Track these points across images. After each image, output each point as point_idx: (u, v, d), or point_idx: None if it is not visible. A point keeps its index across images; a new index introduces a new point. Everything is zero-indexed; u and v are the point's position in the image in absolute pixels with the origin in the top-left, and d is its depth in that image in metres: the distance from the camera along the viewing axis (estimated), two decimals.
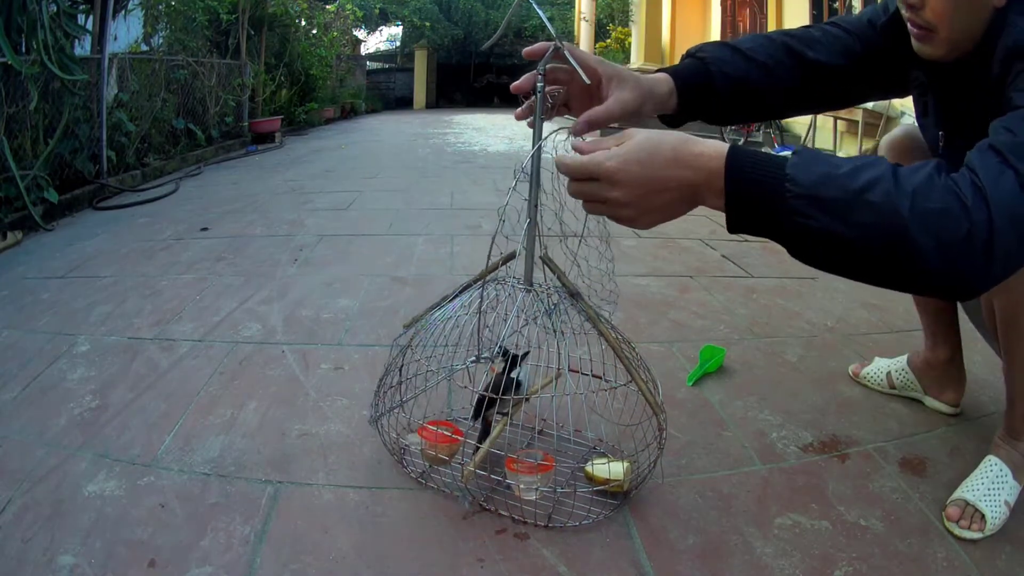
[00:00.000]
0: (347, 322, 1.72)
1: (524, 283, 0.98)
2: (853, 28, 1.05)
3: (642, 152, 0.71)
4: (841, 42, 1.05)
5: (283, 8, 6.82)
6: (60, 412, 1.27)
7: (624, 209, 0.73)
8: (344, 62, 10.45)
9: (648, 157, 0.71)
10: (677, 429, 1.21)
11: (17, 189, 2.65)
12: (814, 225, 0.66)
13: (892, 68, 1.06)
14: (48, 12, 2.82)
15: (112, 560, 0.88)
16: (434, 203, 3.31)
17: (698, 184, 0.71)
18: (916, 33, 0.92)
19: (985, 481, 0.99)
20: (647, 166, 0.71)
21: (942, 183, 0.65)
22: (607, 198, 0.73)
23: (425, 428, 1.04)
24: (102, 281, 2.05)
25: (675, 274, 2.18)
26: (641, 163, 0.71)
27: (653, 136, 0.73)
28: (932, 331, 1.31)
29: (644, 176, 0.71)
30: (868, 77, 1.07)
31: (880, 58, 1.05)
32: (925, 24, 0.90)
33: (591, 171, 0.72)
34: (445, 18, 14.70)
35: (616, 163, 0.71)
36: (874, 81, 1.09)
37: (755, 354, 1.52)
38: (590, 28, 10.58)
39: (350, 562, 0.89)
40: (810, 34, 1.05)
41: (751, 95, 1.01)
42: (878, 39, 1.04)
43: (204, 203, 3.33)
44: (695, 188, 0.71)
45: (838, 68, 1.04)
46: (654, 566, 0.89)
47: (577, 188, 0.75)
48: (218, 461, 1.11)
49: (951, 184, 0.65)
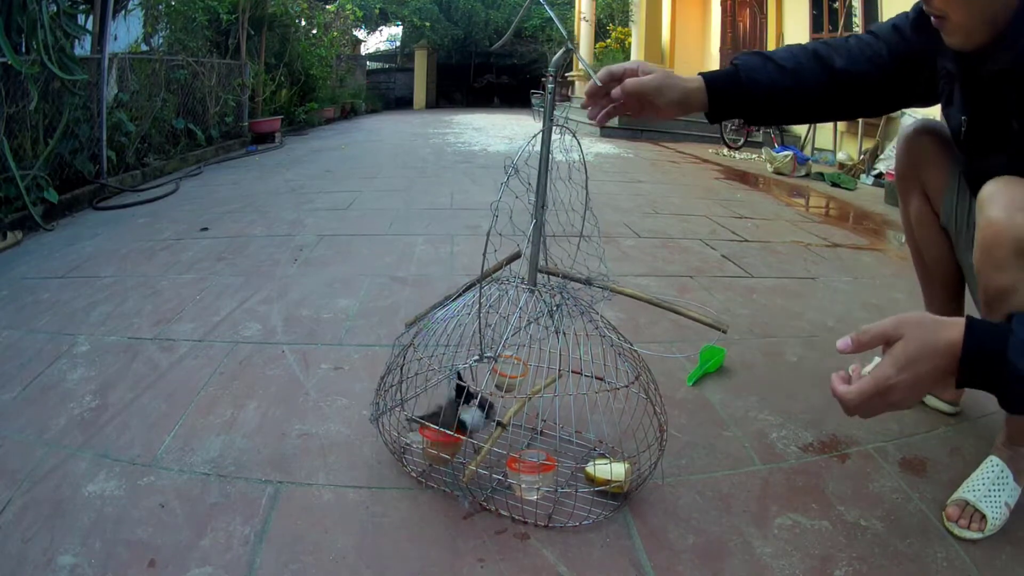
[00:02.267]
0: (347, 322, 1.72)
1: (527, 283, 0.98)
2: (882, 35, 1.11)
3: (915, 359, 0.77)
4: (871, 48, 1.10)
5: (283, 8, 6.82)
6: (60, 412, 1.27)
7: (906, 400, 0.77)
8: (344, 62, 10.45)
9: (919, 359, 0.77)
10: (677, 429, 1.21)
11: (17, 189, 2.65)
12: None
13: (920, 69, 1.09)
14: (48, 12, 2.82)
15: (112, 560, 0.88)
16: (434, 203, 3.31)
17: (945, 369, 0.76)
18: (934, 22, 0.97)
19: (986, 482, 0.99)
20: (915, 374, 0.76)
21: None
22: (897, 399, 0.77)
23: (427, 427, 1.04)
24: (102, 281, 2.05)
25: (675, 274, 2.18)
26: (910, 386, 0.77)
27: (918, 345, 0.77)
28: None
29: (912, 380, 0.77)
30: (898, 82, 1.12)
31: (909, 61, 1.09)
32: (937, 12, 0.93)
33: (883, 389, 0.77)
34: (445, 18, 14.69)
35: (898, 392, 0.76)
36: (904, 86, 1.13)
37: (755, 354, 1.52)
38: (590, 28, 10.57)
39: (350, 562, 0.89)
40: (844, 43, 1.12)
41: (782, 99, 1.09)
42: (905, 41, 1.09)
43: (204, 203, 3.33)
44: (943, 373, 0.77)
45: (864, 75, 1.10)
46: (654, 566, 0.89)
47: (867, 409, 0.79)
48: (218, 461, 1.11)
49: None
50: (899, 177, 1.28)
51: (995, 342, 0.74)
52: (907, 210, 1.30)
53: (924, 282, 1.36)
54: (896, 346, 0.77)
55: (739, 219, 3.11)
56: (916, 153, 1.22)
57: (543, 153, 0.89)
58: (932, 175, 1.21)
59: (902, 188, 1.29)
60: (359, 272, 2.14)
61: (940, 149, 1.20)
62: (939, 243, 1.26)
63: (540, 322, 0.98)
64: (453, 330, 1.00)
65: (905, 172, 1.26)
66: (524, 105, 14.01)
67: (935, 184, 1.21)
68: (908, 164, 1.25)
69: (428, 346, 1.06)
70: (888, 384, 0.76)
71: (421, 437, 1.04)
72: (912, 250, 1.35)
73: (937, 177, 1.20)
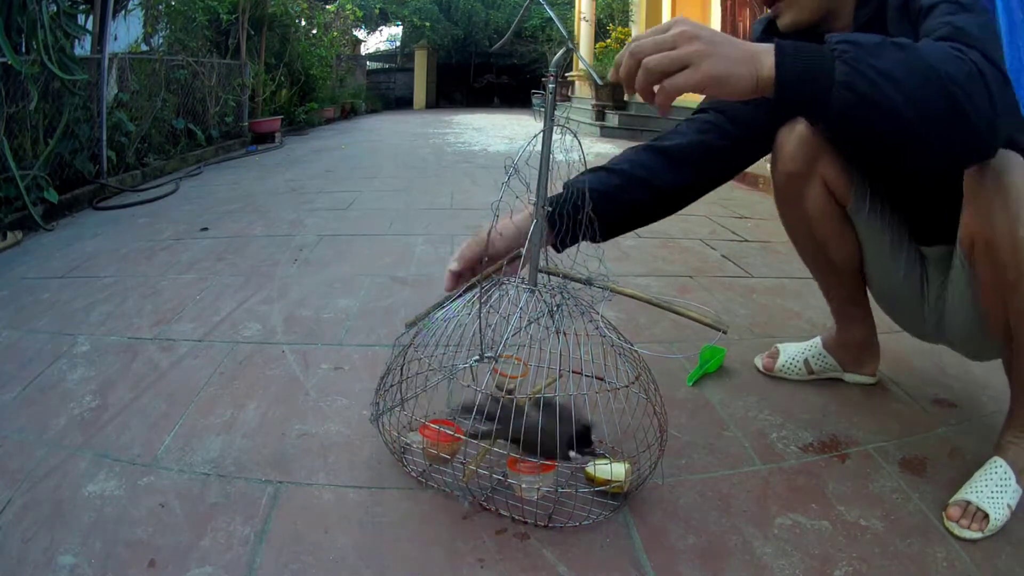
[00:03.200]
0: (347, 322, 1.72)
1: (528, 283, 0.98)
2: (715, 103, 1.19)
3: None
4: (701, 119, 1.18)
5: (283, 8, 6.82)
6: (60, 412, 1.27)
7: (706, 60, 0.76)
8: (344, 62, 10.45)
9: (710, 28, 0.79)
10: (677, 429, 1.21)
11: (17, 189, 2.65)
12: (863, 66, 0.75)
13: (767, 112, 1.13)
14: (48, 12, 2.81)
15: (112, 560, 0.88)
16: (434, 203, 3.31)
17: (756, 48, 0.78)
18: (774, 8, 1.03)
19: (989, 483, 0.99)
20: (713, 29, 0.78)
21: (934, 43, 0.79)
22: (688, 52, 0.76)
23: (427, 427, 1.04)
24: (102, 281, 2.05)
25: (675, 274, 2.18)
26: (708, 27, 0.78)
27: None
28: (848, 315, 1.35)
29: (715, 32, 0.78)
30: (749, 129, 1.18)
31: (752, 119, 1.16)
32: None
33: (667, 23, 0.78)
34: (445, 18, 14.69)
35: (688, 23, 0.77)
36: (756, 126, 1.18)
37: (755, 354, 1.52)
38: (590, 28, 10.57)
39: (350, 562, 0.89)
40: (675, 128, 1.19)
41: (627, 197, 1.12)
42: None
43: (204, 203, 3.33)
44: (755, 51, 0.78)
45: (702, 144, 1.16)
46: (654, 566, 0.89)
47: (658, 56, 0.77)
48: (218, 461, 1.11)
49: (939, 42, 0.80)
50: (794, 176, 1.18)
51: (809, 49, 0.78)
52: (802, 209, 1.21)
53: (829, 278, 1.32)
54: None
55: (739, 219, 3.11)
56: (811, 145, 1.15)
57: (544, 153, 0.89)
58: (830, 162, 1.15)
59: (796, 188, 1.20)
60: (359, 272, 2.14)
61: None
62: (846, 233, 1.21)
63: (540, 322, 0.98)
64: (453, 330, 1.00)
65: (801, 169, 1.17)
66: (524, 105, 14.01)
67: (835, 169, 1.16)
68: (805, 159, 1.16)
69: (428, 346, 1.06)
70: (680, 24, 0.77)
71: (421, 437, 1.04)
72: (810, 250, 1.29)
73: (835, 162, 1.15)
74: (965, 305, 1.06)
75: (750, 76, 0.77)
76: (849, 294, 1.32)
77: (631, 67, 0.79)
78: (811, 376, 1.40)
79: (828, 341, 1.40)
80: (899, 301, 1.25)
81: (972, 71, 0.74)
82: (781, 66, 0.76)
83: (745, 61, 0.77)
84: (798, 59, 0.77)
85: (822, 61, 0.76)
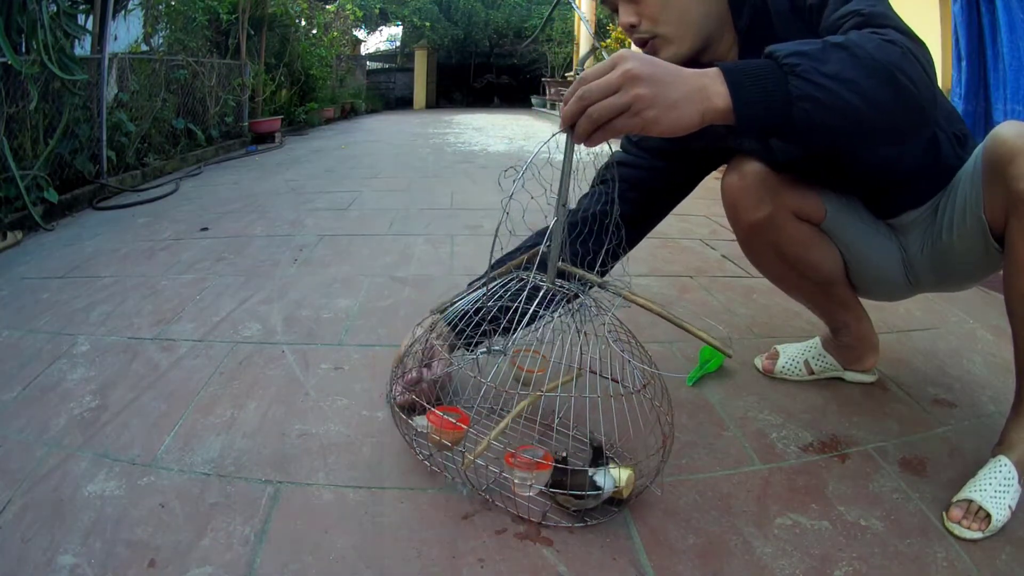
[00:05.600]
0: (347, 322, 1.72)
1: (548, 279, 0.98)
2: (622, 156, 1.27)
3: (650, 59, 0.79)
4: (607, 185, 1.23)
5: (283, 8, 6.82)
6: (60, 412, 1.27)
7: (649, 109, 0.76)
8: (344, 62, 10.44)
9: (656, 61, 0.79)
10: (677, 429, 1.20)
11: (17, 189, 2.65)
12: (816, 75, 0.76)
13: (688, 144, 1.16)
14: (48, 12, 2.81)
15: (112, 560, 0.88)
16: (434, 203, 3.31)
17: (704, 81, 0.78)
18: (648, 48, 1.03)
19: (993, 483, 0.98)
20: (659, 64, 0.78)
21: (862, 34, 0.81)
22: (632, 97, 0.76)
23: (433, 412, 1.04)
24: (102, 281, 2.05)
25: (675, 274, 2.18)
26: (653, 63, 0.78)
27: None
28: (843, 320, 1.35)
29: (660, 67, 0.78)
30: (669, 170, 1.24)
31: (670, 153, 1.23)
32: (650, 33, 1.01)
33: (613, 60, 0.78)
34: (445, 18, 14.68)
35: (634, 61, 0.77)
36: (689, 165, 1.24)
37: (755, 354, 1.52)
38: (590, 28, 10.59)
39: (350, 562, 0.89)
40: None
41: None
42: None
43: (204, 203, 3.33)
44: (702, 84, 0.78)
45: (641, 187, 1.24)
46: (654, 566, 0.89)
47: (603, 104, 0.78)
48: (218, 461, 1.11)
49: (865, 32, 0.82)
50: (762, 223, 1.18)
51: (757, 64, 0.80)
52: (780, 248, 1.21)
53: (817, 297, 1.33)
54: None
55: None
56: (767, 185, 1.15)
57: (567, 151, 0.90)
58: (791, 191, 1.16)
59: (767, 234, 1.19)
60: (359, 272, 2.14)
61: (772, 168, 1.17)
62: (829, 248, 1.23)
63: (561, 319, 0.98)
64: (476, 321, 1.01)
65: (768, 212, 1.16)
66: (524, 105, 14.02)
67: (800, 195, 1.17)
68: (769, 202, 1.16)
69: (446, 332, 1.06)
70: (623, 60, 0.77)
71: (427, 422, 1.04)
72: (793, 280, 1.29)
73: (796, 188, 1.16)
74: (965, 241, 1.07)
75: (696, 113, 0.78)
76: (841, 301, 1.32)
77: (575, 112, 0.80)
78: (812, 377, 1.40)
79: (827, 341, 1.40)
80: (883, 281, 1.26)
81: (903, 51, 0.78)
82: (736, 97, 0.77)
83: (690, 99, 0.77)
84: (752, 84, 0.77)
85: (775, 79, 0.77)
